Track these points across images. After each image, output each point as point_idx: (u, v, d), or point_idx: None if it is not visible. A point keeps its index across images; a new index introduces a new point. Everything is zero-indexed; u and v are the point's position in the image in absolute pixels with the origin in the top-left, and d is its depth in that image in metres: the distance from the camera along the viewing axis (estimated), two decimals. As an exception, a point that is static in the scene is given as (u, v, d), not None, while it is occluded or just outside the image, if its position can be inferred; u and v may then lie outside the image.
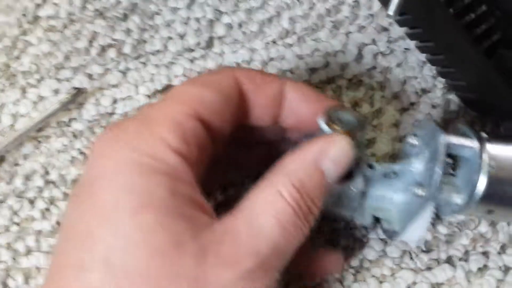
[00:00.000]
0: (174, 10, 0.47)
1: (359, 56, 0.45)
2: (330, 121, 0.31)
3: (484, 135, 0.34)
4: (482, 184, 0.32)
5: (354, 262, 0.39)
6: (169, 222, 0.26)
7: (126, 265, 0.25)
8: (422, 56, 0.45)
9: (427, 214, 0.33)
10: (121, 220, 0.25)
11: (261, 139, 0.36)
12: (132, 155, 0.26)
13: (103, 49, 0.46)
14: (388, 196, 0.34)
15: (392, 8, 0.34)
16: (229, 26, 0.46)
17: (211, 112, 0.29)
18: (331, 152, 0.29)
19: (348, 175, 0.32)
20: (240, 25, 0.46)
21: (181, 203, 0.26)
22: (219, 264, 0.26)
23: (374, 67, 0.45)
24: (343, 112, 0.31)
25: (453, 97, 0.44)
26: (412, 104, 0.44)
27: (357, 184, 0.33)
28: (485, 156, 0.33)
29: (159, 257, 0.25)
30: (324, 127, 0.31)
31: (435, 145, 0.32)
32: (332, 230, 0.39)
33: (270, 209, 0.27)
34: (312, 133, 0.32)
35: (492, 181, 0.32)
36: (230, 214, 0.28)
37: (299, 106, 0.33)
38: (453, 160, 0.34)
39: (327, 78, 0.44)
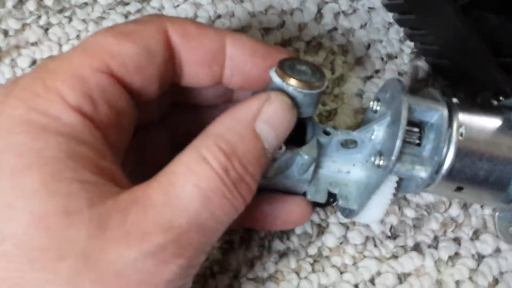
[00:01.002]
0: (105, -44, 0.41)
1: (319, 16, 0.41)
2: (283, 72, 0.27)
3: (455, 100, 0.31)
4: (449, 154, 0.29)
5: (312, 250, 0.34)
6: (59, 186, 0.22)
7: (3, 234, 0.21)
8: (388, 17, 0.40)
9: (389, 189, 0.31)
10: (0, 183, 0.22)
11: (206, 102, 0.32)
12: (21, 112, 0.23)
13: (21, 1, 0.40)
14: (345, 169, 0.31)
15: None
16: (170, -23, 0.41)
17: (128, 68, 0.25)
18: (266, 112, 0.26)
19: (300, 140, 0.29)
20: (183, -24, 0.41)
21: (78, 166, 0.22)
22: (121, 238, 0.22)
23: (335, 28, 0.41)
24: (298, 62, 0.28)
25: (422, 63, 0.40)
26: (377, 71, 0.40)
27: (309, 151, 0.29)
28: (454, 123, 0.29)
29: (41, 226, 0.21)
30: (277, 79, 0.27)
31: (396, 106, 0.29)
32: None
33: (191, 176, 0.23)
34: (263, 90, 0.28)
35: (461, 152, 0.29)
36: (145, 183, 0.24)
37: (245, 62, 0.28)
38: (420, 129, 0.30)
39: (282, 40, 0.40)
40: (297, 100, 0.27)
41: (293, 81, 0.27)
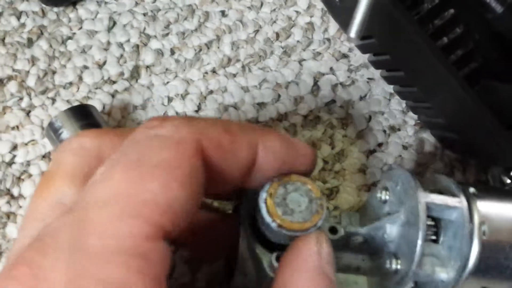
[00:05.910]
0: (91, 33, 0.40)
1: (315, 88, 0.39)
2: (272, 206, 0.24)
3: (472, 190, 0.28)
4: (473, 254, 0.26)
5: None
6: None
7: None
8: (389, 87, 0.38)
9: None
10: None
11: None
12: None
13: (2, 82, 0.38)
14: (353, 267, 0.29)
15: (353, 30, 0.27)
16: (159, 53, 0.39)
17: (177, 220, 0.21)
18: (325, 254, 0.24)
19: None
20: (172, 51, 0.40)
21: None
22: None
23: (333, 101, 0.39)
24: (292, 187, 0.24)
25: (427, 135, 0.38)
26: (380, 144, 0.37)
27: None
28: (476, 220, 0.26)
29: None
30: (265, 214, 0.24)
31: (412, 205, 0.27)
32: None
33: None
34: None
35: (486, 250, 0.26)
36: None
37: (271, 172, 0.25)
38: (435, 222, 0.28)
39: (278, 114, 0.38)
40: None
41: (284, 223, 0.24)
